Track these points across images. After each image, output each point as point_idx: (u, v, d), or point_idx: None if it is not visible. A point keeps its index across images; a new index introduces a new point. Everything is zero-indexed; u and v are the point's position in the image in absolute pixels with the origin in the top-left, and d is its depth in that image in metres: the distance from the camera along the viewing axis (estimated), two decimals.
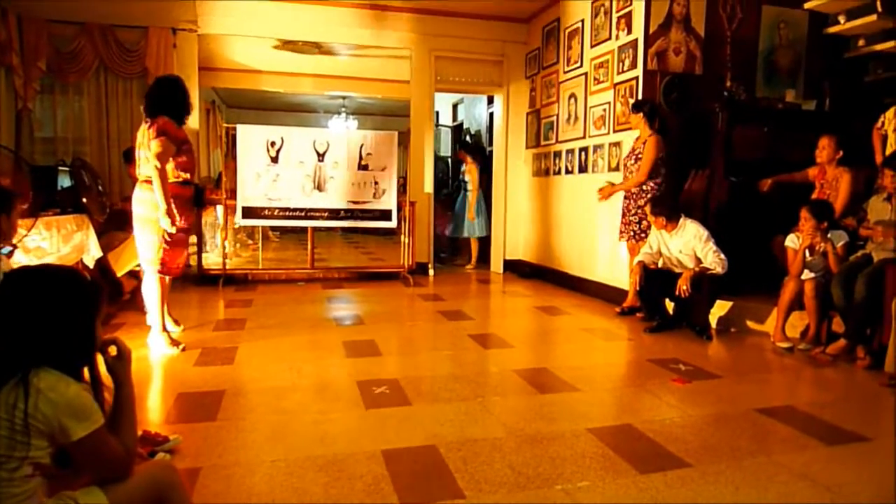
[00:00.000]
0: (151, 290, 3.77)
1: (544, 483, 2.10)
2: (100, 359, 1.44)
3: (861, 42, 5.38)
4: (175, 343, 3.77)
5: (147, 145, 3.59)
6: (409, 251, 6.71)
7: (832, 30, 5.36)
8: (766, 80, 5.54)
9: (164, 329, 3.79)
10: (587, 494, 2.03)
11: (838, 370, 3.58)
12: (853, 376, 3.50)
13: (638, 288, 4.50)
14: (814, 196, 4.35)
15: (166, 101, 3.70)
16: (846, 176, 4.29)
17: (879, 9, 4.91)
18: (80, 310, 1.36)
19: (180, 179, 3.75)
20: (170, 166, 3.64)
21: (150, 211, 3.66)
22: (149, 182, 3.60)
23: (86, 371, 1.39)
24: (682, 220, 4.37)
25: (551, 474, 2.16)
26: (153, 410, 2.84)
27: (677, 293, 4.18)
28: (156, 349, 3.73)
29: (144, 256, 3.77)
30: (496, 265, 7.70)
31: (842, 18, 5.26)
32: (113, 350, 1.45)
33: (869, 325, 3.60)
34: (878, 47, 5.18)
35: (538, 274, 7.00)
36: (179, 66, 6.28)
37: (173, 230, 3.66)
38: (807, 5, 5.31)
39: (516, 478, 2.14)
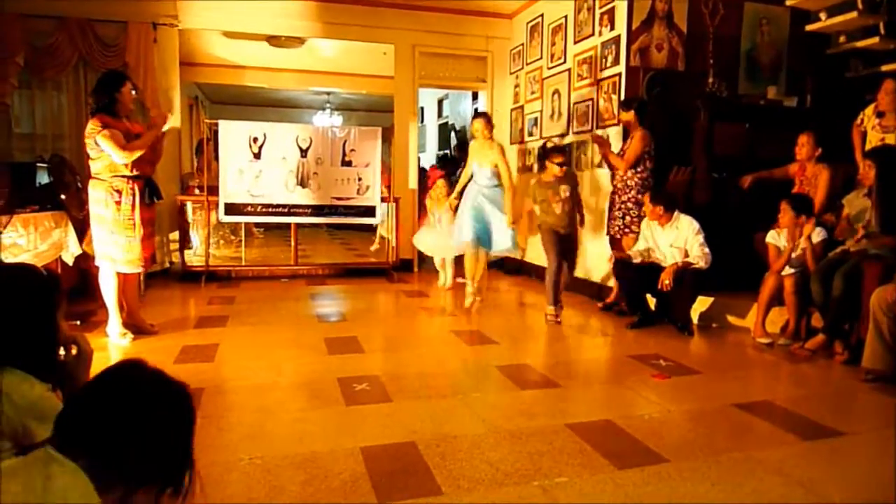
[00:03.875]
0: (107, 284, 3.87)
1: (522, 479, 2.10)
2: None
3: (842, 39, 5.43)
4: (124, 334, 3.90)
5: (93, 141, 3.66)
6: (394, 248, 6.70)
7: (813, 27, 5.40)
8: (747, 76, 5.58)
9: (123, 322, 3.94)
10: (564, 490, 2.04)
11: (817, 365, 3.62)
12: (831, 371, 3.54)
13: (617, 282, 4.54)
14: (793, 192, 4.39)
15: (98, 96, 3.77)
16: (825, 173, 4.33)
17: (860, 6, 4.95)
18: (37, 307, 1.33)
19: (133, 173, 3.76)
20: (125, 160, 3.68)
21: (101, 208, 3.75)
22: (96, 178, 3.74)
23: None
24: (675, 214, 4.39)
25: (529, 470, 2.17)
26: None
27: (659, 287, 4.20)
28: (112, 338, 3.87)
29: (98, 251, 3.84)
30: None
31: (823, 15, 5.29)
32: (73, 349, 1.42)
33: (847, 320, 3.64)
34: (859, 44, 5.23)
35: (523, 270, 7.02)
36: (160, 61, 6.23)
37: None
38: (788, 2, 5.35)
39: (494, 474, 2.14)
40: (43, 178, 4.94)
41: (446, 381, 3.17)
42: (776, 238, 4.09)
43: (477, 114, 4.91)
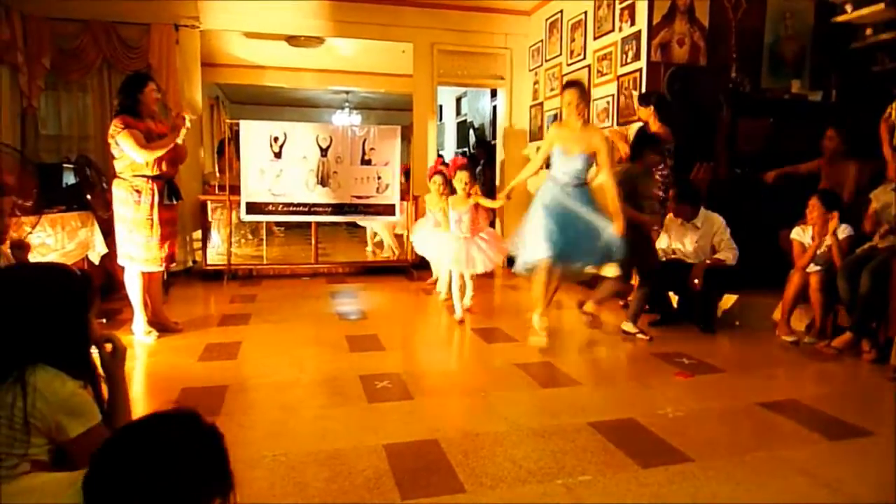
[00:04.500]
0: (132, 282, 3.93)
1: (545, 477, 2.10)
2: (96, 355, 1.45)
3: (868, 32, 5.32)
4: (149, 332, 3.95)
5: (114, 141, 3.72)
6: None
7: (839, 19, 5.30)
8: (771, 70, 5.50)
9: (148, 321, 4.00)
10: (588, 489, 2.03)
11: (843, 364, 3.56)
12: (858, 370, 3.48)
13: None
14: (820, 188, 4.32)
15: (123, 98, 3.84)
16: (852, 167, 4.25)
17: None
18: (70, 306, 1.36)
19: (154, 173, 3.81)
20: (144, 158, 3.74)
21: (122, 207, 3.81)
22: (119, 178, 3.81)
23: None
24: (700, 210, 4.33)
25: (552, 468, 2.16)
26: (159, 404, 2.85)
27: (690, 285, 4.16)
28: (137, 336, 3.92)
29: (120, 250, 3.90)
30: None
31: (848, 7, 5.19)
32: (108, 347, 1.45)
33: (874, 318, 3.57)
34: (886, 37, 5.12)
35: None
36: (182, 63, 6.30)
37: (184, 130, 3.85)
38: None
39: (517, 472, 2.14)
40: (69, 179, 5.03)
41: (468, 379, 3.18)
42: (801, 234, 4.02)
43: (569, 83, 3.80)
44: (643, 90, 5.10)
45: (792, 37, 5.54)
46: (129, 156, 3.71)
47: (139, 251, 3.85)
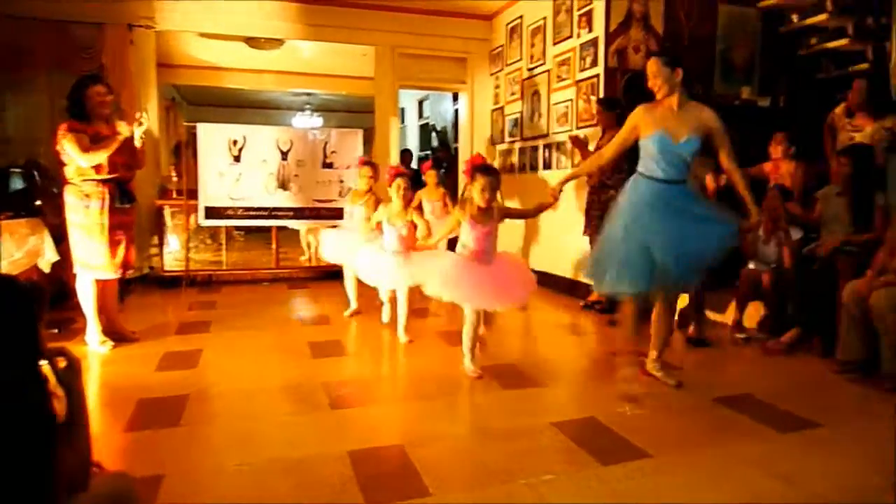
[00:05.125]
0: (84, 291, 3.83)
1: (509, 478, 2.13)
2: (48, 369, 1.41)
3: (813, 40, 5.53)
4: (104, 341, 3.85)
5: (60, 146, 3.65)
6: None
7: (785, 29, 5.51)
8: (723, 77, 5.67)
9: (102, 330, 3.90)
10: (550, 487, 2.07)
11: (794, 359, 3.69)
12: (808, 365, 3.62)
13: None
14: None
15: (68, 101, 3.76)
16: (799, 170, 4.43)
17: (830, 8, 5.06)
18: (16, 320, 1.31)
19: (104, 177, 3.71)
20: (87, 162, 3.65)
21: (73, 213, 3.72)
22: (70, 183, 3.71)
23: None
24: None
25: (515, 469, 2.19)
26: (113, 417, 2.78)
27: None
28: (92, 346, 3.82)
29: (76, 259, 3.80)
30: None
31: (794, 17, 5.41)
32: (62, 361, 1.41)
33: (822, 314, 3.73)
34: (830, 45, 5.35)
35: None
36: (136, 63, 6.15)
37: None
38: (760, 4, 5.46)
39: (482, 473, 2.17)
40: (17, 184, 4.86)
41: (431, 383, 3.19)
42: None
43: (660, 51, 3.11)
44: (601, 95, 5.21)
45: (742, 44, 5.74)
46: (75, 160, 3.62)
47: (93, 258, 3.75)
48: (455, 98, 9.09)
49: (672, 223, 2.88)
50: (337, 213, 6.37)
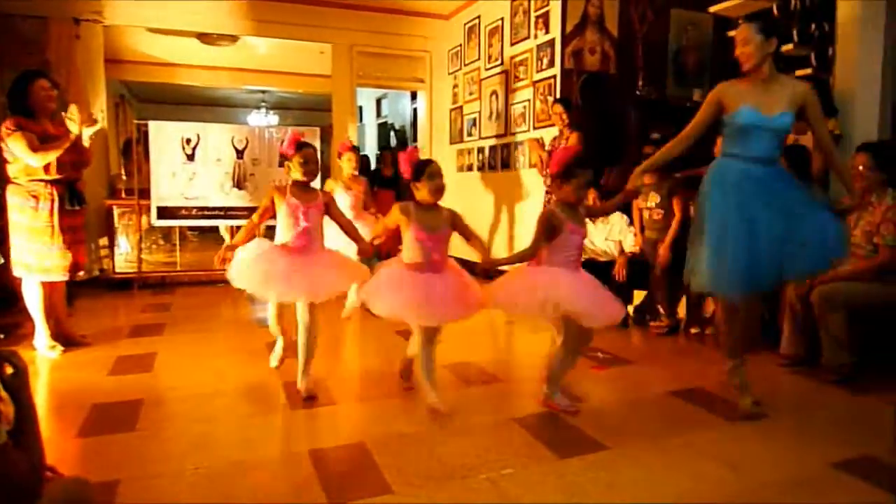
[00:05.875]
0: (30, 294, 3.71)
1: (470, 473, 2.16)
2: None
3: None
4: (53, 346, 3.74)
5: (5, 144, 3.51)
6: None
7: (733, 33, 5.69)
8: (675, 80, 5.85)
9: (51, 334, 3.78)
10: (510, 481, 2.11)
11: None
12: (756, 358, 3.75)
13: None
14: None
15: (10, 97, 3.61)
16: None
17: (776, 14, 5.27)
18: None
19: (52, 177, 3.60)
20: (39, 162, 3.53)
21: (18, 215, 3.59)
22: (14, 183, 3.59)
23: None
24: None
25: (476, 464, 2.22)
26: (66, 423, 2.70)
27: (616, 278, 4.36)
28: (40, 351, 3.71)
29: (15, 259, 3.66)
30: None
31: (741, 22, 5.59)
32: (8, 367, 1.36)
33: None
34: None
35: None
36: (83, 59, 5.96)
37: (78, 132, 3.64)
38: (711, 9, 5.63)
39: (443, 469, 2.19)
40: None
41: (392, 382, 3.19)
42: None
43: (752, 16, 2.86)
44: (558, 96, 5.30)
45: (693, 48, 5.92)
46: (23, 159, 3.48)
47: (38, 260, 3.62)
48: (413, 97, 9.09)
49: (780, 207, 2.54)
50: None
